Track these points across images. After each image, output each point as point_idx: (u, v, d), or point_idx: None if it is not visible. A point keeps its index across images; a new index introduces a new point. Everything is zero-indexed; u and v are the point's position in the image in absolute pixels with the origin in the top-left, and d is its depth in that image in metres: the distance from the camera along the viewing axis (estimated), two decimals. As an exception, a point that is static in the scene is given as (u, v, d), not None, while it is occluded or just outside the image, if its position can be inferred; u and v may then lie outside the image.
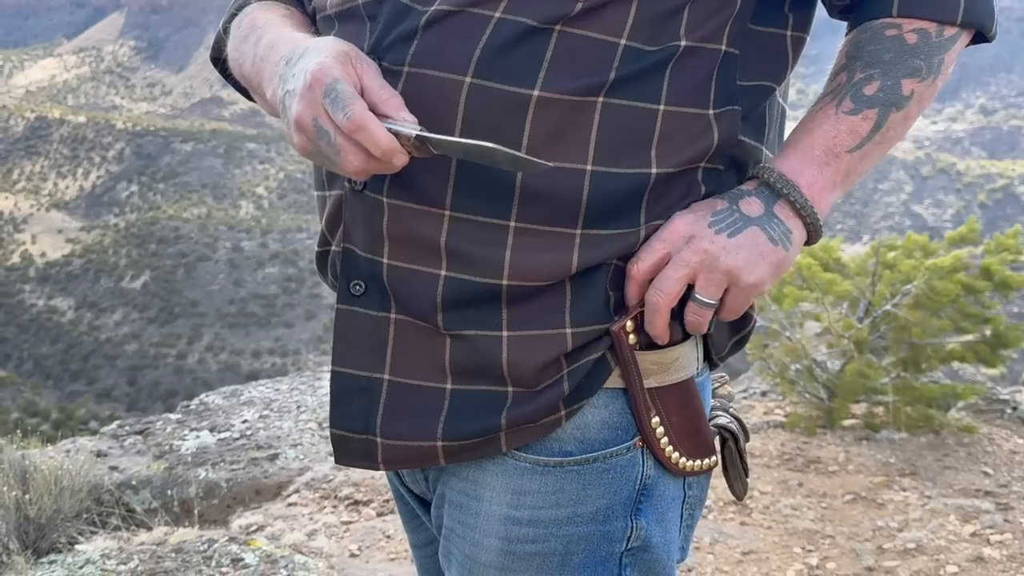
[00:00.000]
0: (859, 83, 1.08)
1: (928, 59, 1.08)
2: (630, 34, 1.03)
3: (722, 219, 1.06)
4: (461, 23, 1.03)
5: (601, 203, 1.05)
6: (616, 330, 1.07)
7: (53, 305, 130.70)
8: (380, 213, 1.08)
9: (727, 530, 4.29)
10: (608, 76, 1.03)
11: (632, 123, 1.04)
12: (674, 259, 1.06)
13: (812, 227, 1.09)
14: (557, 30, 1.02)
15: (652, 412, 1.10)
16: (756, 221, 1.07)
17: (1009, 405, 5.94)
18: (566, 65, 1.02)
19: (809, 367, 5.78)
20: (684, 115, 1.06)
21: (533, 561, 1.12)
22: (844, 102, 1.08)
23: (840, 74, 1.11)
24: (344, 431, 1.14)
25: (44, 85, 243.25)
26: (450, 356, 1.08)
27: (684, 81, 1.06)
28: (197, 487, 4.99)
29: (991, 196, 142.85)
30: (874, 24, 1.10)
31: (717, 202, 1.08)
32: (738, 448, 1.22)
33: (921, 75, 1.08)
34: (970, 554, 3.96)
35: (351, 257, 1.11)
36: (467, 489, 1.15)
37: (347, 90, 0.97)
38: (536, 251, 1.04)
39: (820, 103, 1.11)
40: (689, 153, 1.07)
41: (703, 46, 1.06)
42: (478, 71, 1.02)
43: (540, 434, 1.09)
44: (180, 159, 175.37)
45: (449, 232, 1.05)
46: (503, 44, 1.02)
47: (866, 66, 1.09)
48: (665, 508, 1.15)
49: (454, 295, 1.06)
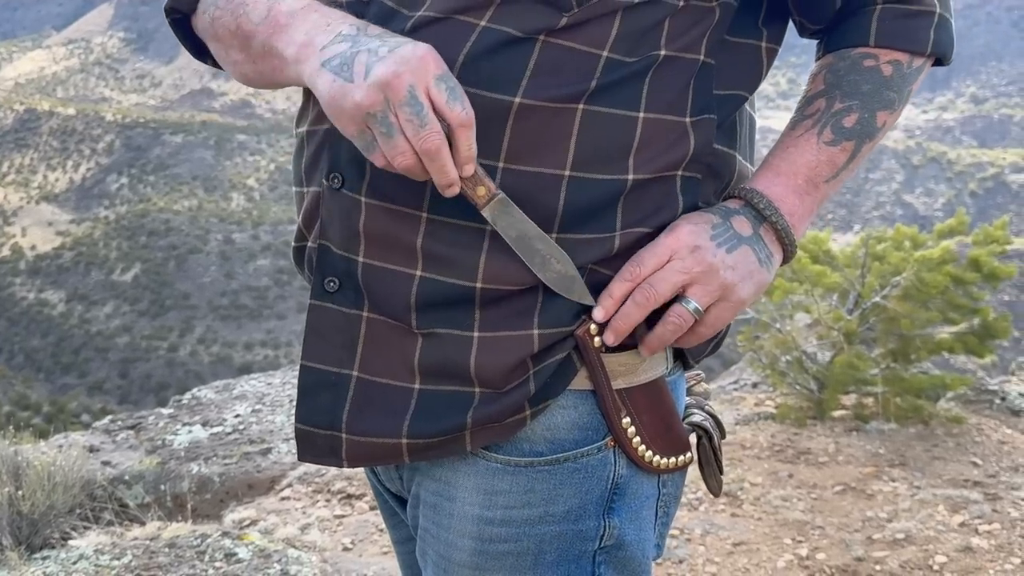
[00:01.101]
0: (839, 114, 1.12)
1: (900, 91, 1.13)
2: (612, 47, 1.04)
3: (720, 234, 1.08)
4: (446, 30, 1.04)
5: (577, 208, 1.06)
6: (580, 333, 1.08)
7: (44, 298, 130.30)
8: (357, 212, 1.09)
9: (718, 521, 4.32)
10: (589, 85, 1.04)
11: (611, 130, 1.06)
12: (675, 264, 1.07)
13: (789, 253, 1.13)
14: (541, 40, 1.03)
15: (622, 412, 1.11)
16: (747, 241, 1.10)
17: (998, 395, 5.98)
18: (548, 74, 1.03)
19: (799, 359, 5.80)
20: (662, 122, 1.08)
21: (506, 560, 1.13)
22: (825, 132, 1.11)
23: (819, 99, 1.13)
24: (309, 426, 1.14)
25: (33, 77, 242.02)
26: (420, 356, 1.09)
27: (663, 89, 1.07)
28: (190, 482, 4.99)
29: (982, 185, 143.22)
30: (852, 53, 1.13)
31: (712, 216, 1.10)
32: (712, 445, 1.24)
33: (894, 107, 1.13)
34: (958, 544, 3.99)
35: (327, 254, 1.12)
36: (440, 490, 1.16)
37: (461, 87, 0.97)
38: (511, 255, 1.05)
39: (800, 127, 1.14)
40: (666, 160, 1.09)
41: (682, 56, 1.08)
42: (461, 77, 1.02)
43: (506, 434, 1.10)
44: (170, 151, 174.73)
45: (425, 234, 1.06)
46: (487, 52, 1.03)
47: (845, 96, 1.12)
48: (639, 506, 1.16)
49: (428, 296, 1.07)
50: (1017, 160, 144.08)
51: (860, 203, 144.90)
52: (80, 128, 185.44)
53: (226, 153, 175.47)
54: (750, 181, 1.14)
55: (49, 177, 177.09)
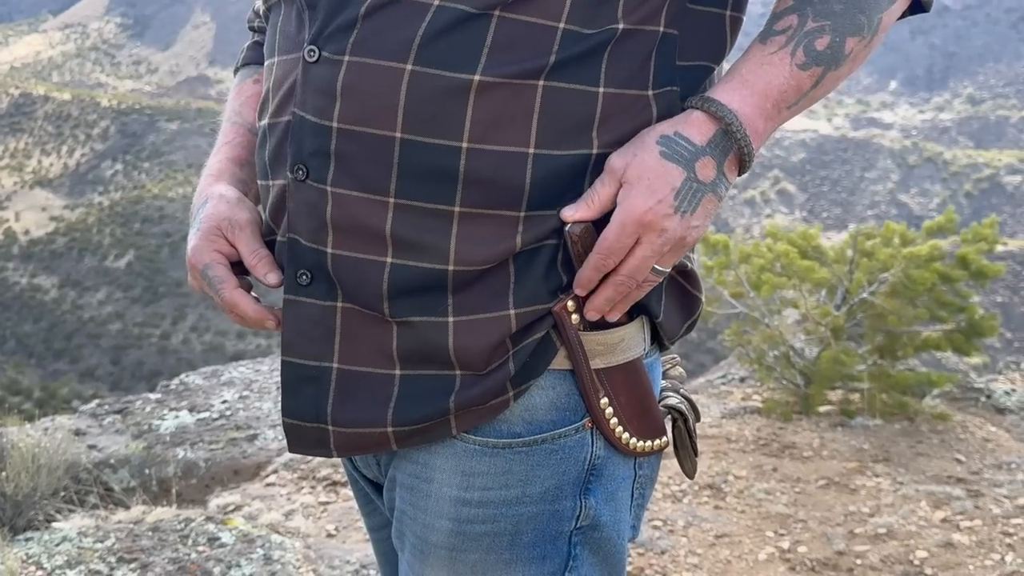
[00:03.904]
0: (811, 34, 1.06)
1: (870, 16, 1.07)
2: (568, 17, 1.03)
3: (684, 197, 1.04)
4: (400, 11, 1.03)
5: (544, 184, 1.06)
6: (558, 310, 1.08)
7: (36, 283, 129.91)
8: (324, 202, 1.08)
9: (701, 513, 4.33)
10: (548, 60, 1.04)
11: (573, 106, 1.05)
12: (645, 250, 1.05)
13: (743, 172, 1.09)
14: (496, 15, 1.03)
15: (600, 393, 1.11)
16: (710, 187, 1.05)
17: (983, 393, 6.01)
18: (506, 50, 1.03)
19: (786, 354, 5.82)
20: (623, 96, 1.07)
21: (483, 541, 1.14)
22: (798, 53, 1.05)
23: (789, 15, 1.07)
24: (296, 420, 1.15)
25: (29, 61, 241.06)
26: (397, 343, 1.09)
27: (622, 63, 1.06)
28: (175, 467, 5.00)
29: (977, 186, 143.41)
30: None
31: (673, 171, 1.04)
32: (687, 428, 1.23)
33: (863, 34, 1.07)
34: (940, 539, 4.01)
35: (296, 247, 1.11)
36: (418, 472, 1.16)
37: (217, 275, 1.19)
38: (481, 235, 1.05)
39: (772, 43, 1.07)
40: (628, 132, 1.08)
41: (641, 28, 1.07)
42: (418, 59, 1.03)
43: (489, 416, 1.10)
44: (165, 138, 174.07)
45: (394, 220, 1.06)
46: (442, 31, 1.03)
47: (818, 15, 1.06)
48: (615, 487, 1.17)
49: (400, 282, 1.07)
50: (1012, 162, 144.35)
51: (855, 202, 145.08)
52: (75, 113, 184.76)
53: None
54: (721, 92, 1.07)
55: (43, 162, 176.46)
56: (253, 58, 1.44)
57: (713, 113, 1.04)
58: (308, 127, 1.08)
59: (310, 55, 1.08)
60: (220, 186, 1.26)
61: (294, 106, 1.09)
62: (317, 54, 1.07)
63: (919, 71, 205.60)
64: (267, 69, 1.21)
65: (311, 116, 1.08)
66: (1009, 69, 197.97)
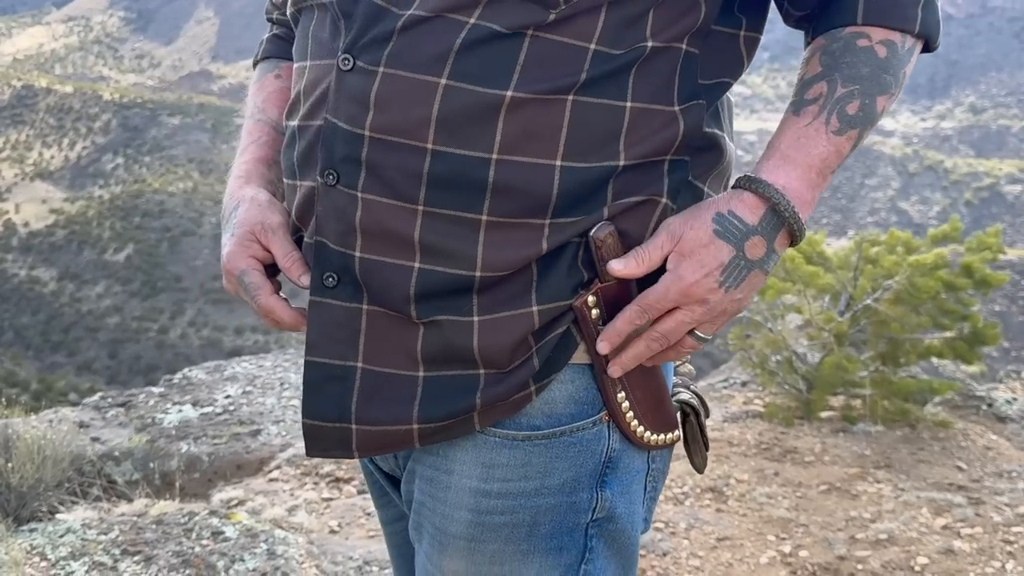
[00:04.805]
0: (842, 100, 1.10)
1: (895, 74, 1.11)
2: (599, 39, 1.06)
3: (731, 272, 1.09)
4: (436, 27, 1.05)
5: (570, 195, 1.08)
6: (579, 305, 1.10)
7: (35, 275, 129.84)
8: (354, 208, 1.10)
9: (703, 516, 4.35)
10: (579, 77, 1.06)
11: (601, 120, 1.08)
12: (684, 316, 1.10)
13: (795, 243, 1.13)
14: (529, 35, 1.05)
15: (618, 387, 1.14)
16: (757, 264, 1.10)
17: (984, 402, 6.02)
18: (538, 68, 1.05)
19: (789, 359, 5.83)
20: (649, 111, 1.10)
21: (502, 532, 1.16)
22: (832, 120, 1.10)
23: (819, 83, 1.11)
24: (317, 420, 1.16)
25: (31, 53, 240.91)
26: (422, 345, 1.11)
27: (649, 80, 1.09)
28: (179, 460, 5.00)
29: (977, 195, 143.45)
30: (843, 33, 1.12)
31: (724, 248, 1.09)
32: (699, 422, 1.26)
33: (891, 91, 1.12)
34: (940, 546, 4.02)
35: (323, 250, 1.13)
36: (438, 464, 1.18)
37: (253, 281, 1.20)
38: (507, 242, 1.08)
39: (806, 113, 1.11)
40: (654, 145, 1.11)
41: (667, 46, 1.10)
42: (452, 73, 1.05)
43: (511, 411, 1.12)
44: (167, 132, 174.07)
45: (422, 227, 1.08)
46: (477, 48, 1.05)
47: (847, 80, 1.10)
48: (630, 480, 1.19)
49: (427, 287, 1.09)
50: (1013, 171, 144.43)
51: (855, 209, 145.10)
52: (77, 106, 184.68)
53: (223, 136, 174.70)
54: (766, 171, 1.11)
55: (44, 154, 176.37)
56: (273, 51, 1.45)
57: (761, 194, 1.09)
58: (340, 133, 1.10)
59: (344, 63, 1.09)
60: (250, 188, 1.28)
61: (326, 112, 1.11)
62: (351, 63, 1.09)
63: (921, 79, 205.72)
64: (297, 71, 1.22)
65: (343, 123, 1.09)
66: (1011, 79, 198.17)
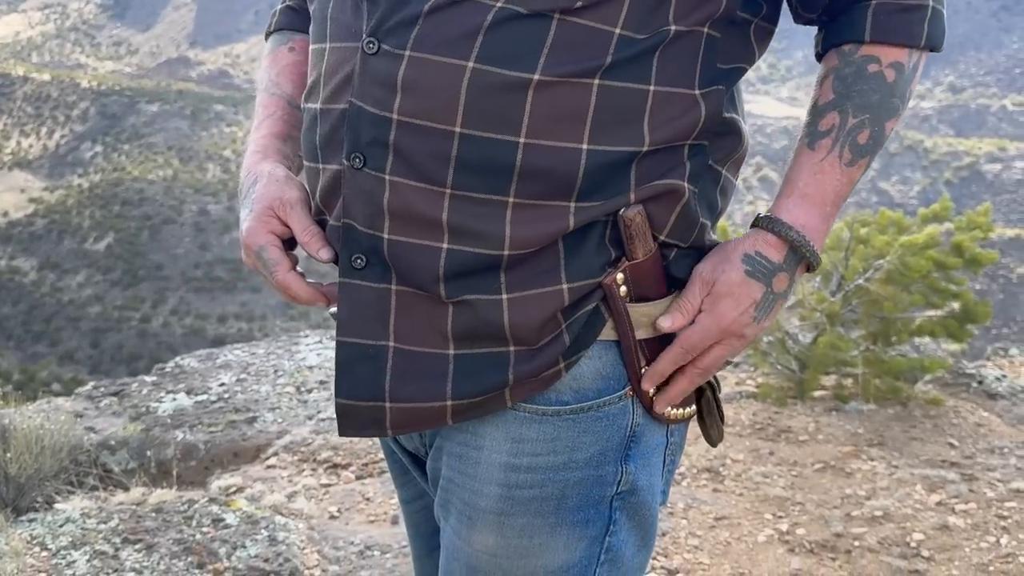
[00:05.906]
0: (853, 131, 1.16)
1: (903, 95, 1.17)
2: (624, 24, 1.08)
3: (762, 307, 1.17)
4: (463, 11, 1.06)
5: (595, 178, 1.10)
6: (608, 282, 1.13)
7: (15, 266, 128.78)
8: (381, 190, 1.11)
9: (700, 496, 4.38)
10: (605, 60, 1.08)
11: (625, 103, 1.09)
12: (722, 351, 1.19)
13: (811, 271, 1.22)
14: (556, 18, 1.06)
15: (643, 363, 1.18)
16: (782, 295, 1.18)
17: (975, 379, 6.07)
18: (564, 51, 1.07)
19: (782, 339, 5.86)
20: (673, 95, 1.12)
21: (531, 505, 1.18)
22: (844, 153, 1.16)
23: (831, 113, 1.17)
24: (351, 400, 1.17)
25: (8, 41, 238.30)
26: (452, 323, 1.12)
27: (672, 63, 1.11)
28: (175, 449, 4.99)
29: (957, 174, 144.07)
30: (855, 57, 1.16)
31: (756, 287, 1.16)
32: (715, 396, 1.30)
33: (898, 113, 1.18)
34: (935, 522, 4.07)
35: (352, 232, 1.14)
36: (467, 440, 1.20)
37: (272, 257, 1.21)
38: (535, 222, 1.09)
39: (820, 148, 1.17)
40: (678, 128, 1.13)
41: (691, 30, 1.12)
42: (480, 57, 1.06)
43: (541, 387, 1.14)
44: (146, 120, 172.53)
45: (450, 209, 1.09)
46: (504, 31, 1.06)
47: (858, 110, 1.15)
48: (650, 454, 1.23)
49: (456, 266, 1.11)
50: (992, 150, 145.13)
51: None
52: (55, 94, 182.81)
53: (202, 123, 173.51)
54: (786, 210, 1.18)
55: (23, 143, 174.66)
56: (286, 23, 1.45)
57: (783, 236, 1.16)
58: (366, 117, 1.10)
59: (369, 47, 1.10)
60: (268, 164, 1.29)
61: (351, 95, 1.11)
62: (376, 46, 1.09)
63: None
64: (316, 53, 1.22)
65: (370, 107, 1.10)
66: (989, 58, 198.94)
